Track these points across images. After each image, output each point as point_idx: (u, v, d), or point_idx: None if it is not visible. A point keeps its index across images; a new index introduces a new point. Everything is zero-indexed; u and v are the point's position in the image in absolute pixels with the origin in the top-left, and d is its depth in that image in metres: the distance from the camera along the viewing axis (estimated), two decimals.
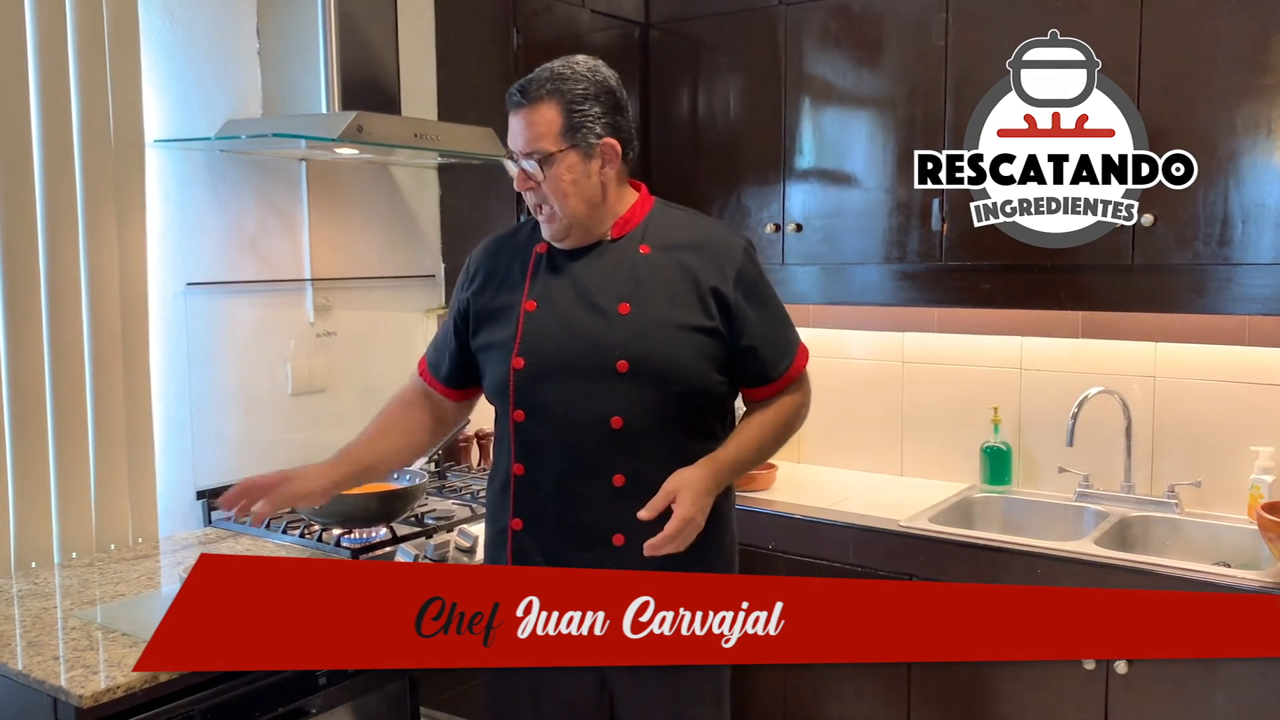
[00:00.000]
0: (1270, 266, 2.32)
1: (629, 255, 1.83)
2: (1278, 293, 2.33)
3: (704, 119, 3.11)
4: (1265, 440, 2.62)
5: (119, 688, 1.64)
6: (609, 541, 1.78)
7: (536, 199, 1.80)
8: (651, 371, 1.76)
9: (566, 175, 1.77)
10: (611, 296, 1.80)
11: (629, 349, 1.76)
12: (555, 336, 1.80)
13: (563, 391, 1.78)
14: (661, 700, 1.86)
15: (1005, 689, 2.43)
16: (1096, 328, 2.83)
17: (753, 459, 1.87)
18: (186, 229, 2.53)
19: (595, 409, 1.76)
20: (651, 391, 1.77)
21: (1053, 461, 2.90)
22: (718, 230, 1.92)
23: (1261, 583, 2.17)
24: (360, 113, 2.33)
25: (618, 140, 1.80)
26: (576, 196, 1.78)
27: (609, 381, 1.76)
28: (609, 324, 1.78)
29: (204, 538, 2.46)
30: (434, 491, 2.81)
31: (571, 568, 1.77)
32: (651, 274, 1.81)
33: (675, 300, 1.80)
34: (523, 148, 1.77)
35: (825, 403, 3.27)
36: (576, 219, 1.80)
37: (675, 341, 1.78)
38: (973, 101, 2.58)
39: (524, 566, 1.82)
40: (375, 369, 3.01)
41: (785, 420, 1.90)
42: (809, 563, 2.67)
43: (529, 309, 1.83)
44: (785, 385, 1.90)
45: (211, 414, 2.59)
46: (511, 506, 1.83)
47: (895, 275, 2.81)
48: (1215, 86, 2.35)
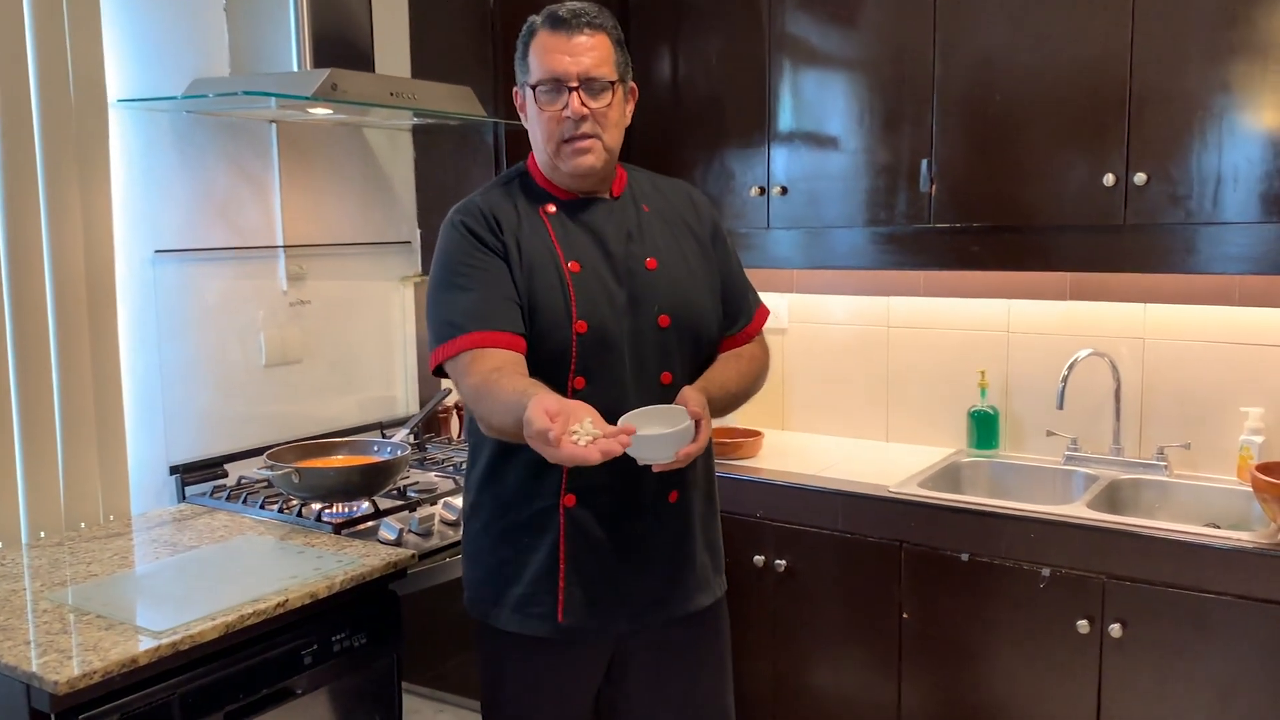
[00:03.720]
0: (1260, 225, 2.30)
1: (633, 213, 1.85)
2: (1267, 251, 2.31)
3: (685, 80, 3.03)
4: (1255, 401, 2.60)
5: (95, 673, 1.57)
6: (666, 500, 1.81)
7: (589, 127, 1.74)
8: (688, 324, 1.81)
9: (617, 109, 1.78)
10: (636, 254, 1.81)
11: (666, 303, 1.79)
12: (605, 298, 1.76)
13: (620, 353, 1.75)
14: (672, 670, 1.88)
15: (998, 658, 2.41)
16: (1085, 289, 2.80)
17: (727, 404, 1.86)
18: (153, 194, 2.43)
19: (648, 368, 1.78)
20: (689, 344, 1.82)
21: (1040, 425, 2.88)
22: (687, 187, 1.97)
23: (1256, 544, 2.16)
24: (334, 70, 2.25)
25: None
26: (618, 130, 1.80)
27: (654, 338, 1.78)
28: (643, 280, 1.79)
29: (179, 514, 2.38)
30: (415, 464, 2.74)
31: (630, 532, 1.78)
32: (660, 230, 1.85)
33: (685, 254, 1.86)
34: (589, 70, 1.72)
35: (811, 368, 3.26)
36: (612, 154, 1.80)
37: (702, 294, 1.86)
38: (964, 61, 2.54)
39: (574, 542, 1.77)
40: (351, 338, 2.93)
41: (755, 373, 1.93)
42: (798, 530, 2.63)
43: (574, 270, 1.76)
44: (750, 338, 1.95)
45: (183, 387, 2.51)
46: (564, 483, 1.76)
47: (882, 238, 2.76)
48: (1203, 44, 2.31)
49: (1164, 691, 2.24)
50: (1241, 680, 2.16)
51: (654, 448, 1.57)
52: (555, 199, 1.81)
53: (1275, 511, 2.21)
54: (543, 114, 1.75)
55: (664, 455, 1.59)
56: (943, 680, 2.50)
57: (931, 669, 2.51)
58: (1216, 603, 2.16)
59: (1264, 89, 2.26)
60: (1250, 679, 2.15)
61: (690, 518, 1.85)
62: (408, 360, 3.12)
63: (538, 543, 1.78)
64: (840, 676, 2.63)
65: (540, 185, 1.83)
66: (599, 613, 1.79)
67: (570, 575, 1.77)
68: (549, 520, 1.77)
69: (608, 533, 1.78)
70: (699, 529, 1.87)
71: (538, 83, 1.74)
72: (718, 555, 1.94)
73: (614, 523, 1.78)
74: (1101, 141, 2.43)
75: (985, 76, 2.56)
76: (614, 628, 1.82)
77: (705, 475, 1.90)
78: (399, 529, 2.18)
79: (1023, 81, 2.52)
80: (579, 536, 1.77)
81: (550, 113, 1.74)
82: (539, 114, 1.76)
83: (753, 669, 2.70)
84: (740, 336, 1.93)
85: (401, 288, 3.10)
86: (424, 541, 2.19)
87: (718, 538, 1.95)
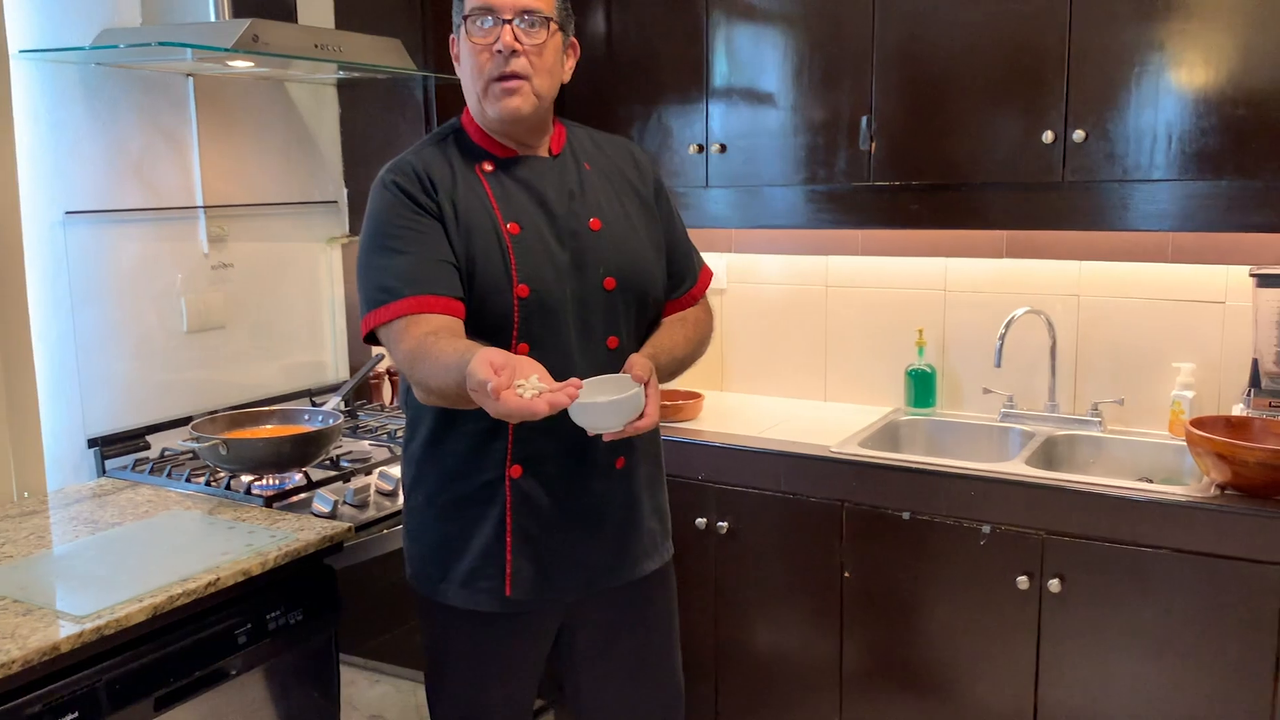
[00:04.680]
0: (1193, 182, 2.31)
1: (574, 171, 1.78)
2: (1200, 208, 2.32)
3: (620, 35, 2.95)
4: (1186, 356, 2.64)
5: (14, 662, 1.48)
6: (613, 466, 1.77)
7: (519, 64, 1.65)
8: (634, 286, 1.77)
9: (552, 52, 1.70)
10: (579, 214, 1.74)
11: (612, 265, 1.73)
12: (548, 260, 1.69)
13: (564, 318, 1.69)
14: (621, 634, 1.87)
15: (939, 615, 2.43)
16: (1020, 247, 2.81)
17: (673, 370, 1.81)
18: (62, 152, 2.30)
19: (594, 332, 1.72)
20: (635, 307, 1.77)
21: (977, 383, 2.89)
22: (629, 144, 1.91)
23: (1190, 498, 2.19)
24: (255, 20, 2.13)
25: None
26: (551, 78, 1.72)
27: (600, 301, 1.72)
28: (587, 241, 1.73)
29: (98, 489, 2.28)
30: (348, 432, 2.66)
31: (578, 500, 1.75)
32: (603, 189, 1.78)
33: (629, 214, 1.80)
34: (524, 4, 1.64)
35: (749, 329, 3.24)
36: (542, 101, 1.71)
37: (646, 254, 1.80)
38: (904, 16, 2.51)
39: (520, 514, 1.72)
40: (276, 302, 2.82)
41: (701, 336, 1.89)
42: (740, 492, 2.61)
43: (513, 231, 1.68)
44: (694, 300, 1.91)
45: (99, 356, 2.39)
46: (510, 453, 1.70)
47: (820, 196, 2.73)
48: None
49: (1102, 645, 2.27)
50: (1178, 632, 2.20)
51: (602, 415, 1.53)
52: (492, 156, 1.74)
53: (1208, 465, 2.24)
54: (473, 46, 1.66)
55: (612, 423, 1.55)
56: (884, 638, 2.51)
57: (873, 627, 2.52)
58: (1153, 556, 2.20)
59: (1195, 46, 2.26)
60: (1186, 631, 2.19)
61: (637, 484, 1.81)
62: (336, 325, 3.02)
63: (483, 516, 1.72)
64: (783, 636, 2.63)
65: (476, 141, 1.75)
66: (547, 584, 1.74)
67: (517, 547, 1.72)
68: (495, 492, 1.72)
69: (555, 502, 1.73)
70: (646, 495, 1.84)
71: (470, 11, 1.66)
72: (665, 520, 1.91)
73: (562, 491, 1.73)
74: (1040, 98, 2.42)
75: (926, 32, 2.53)
76: (563, 598, 1.78)
77: (652, 440, 1.86)
78: (333, 501, 2.11)
79: (963, 37, 2.49)
80: (526, 507, 1.72)
81: (480, 43, 1.65)
82: (469, 47, 1.67)
83: (696, 630, 2.69)
84: (685, 299, 1.89)
85: (328, 249, 2.99)
86: (360, 513, 2.12)
87: (665, 503, 1.92)
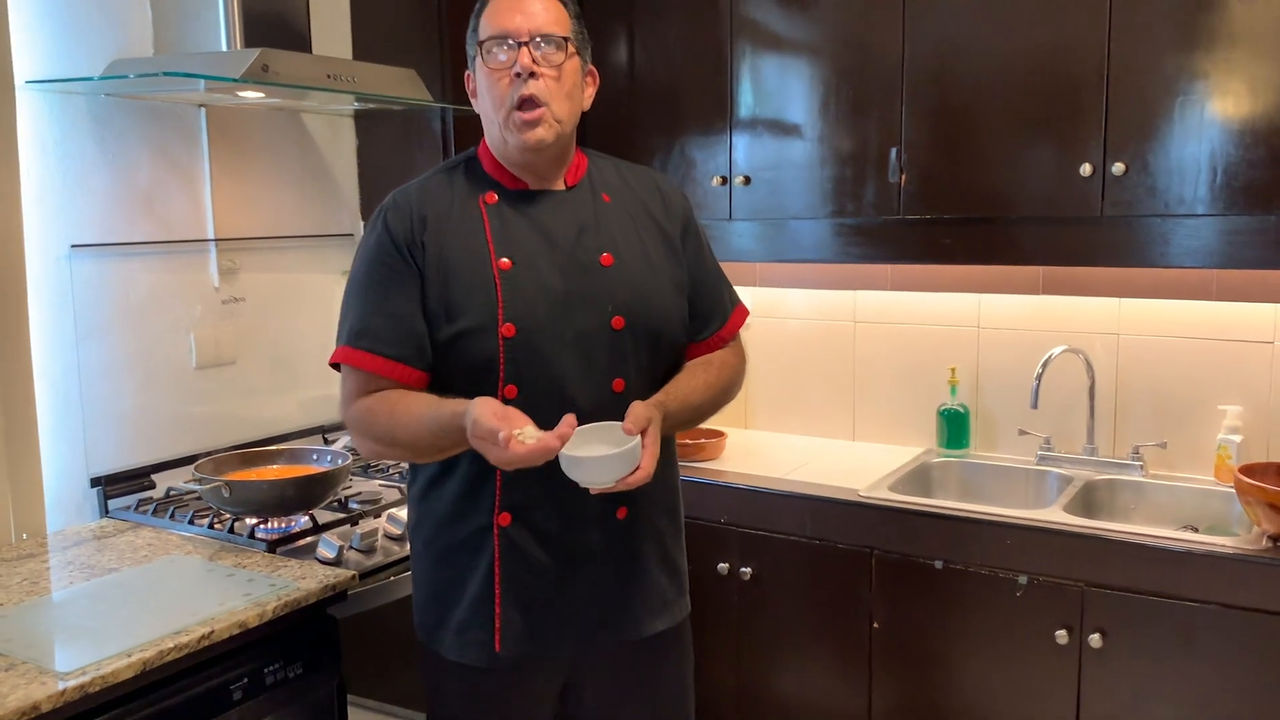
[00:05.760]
0: (1239, 218, 2.21)
1: (591, 204, 1.69)
2: (1246, 245, 2.22)
3: (642, 65, 2.88)
4: (1233, 399, 2.52)
5: None
6: (614, 516, 1.66)
7: (538, 88, 1.58)
8: (646, 326, 1.65)
9: (571, 76, 1.62)
10: (590, 248, 1.65)
11: (621, 302, 1.62)
12: (541, 296, 1.60)
13: (560, 359, 1.59)
14: (629, 695, 1.75)
15: (974, 669, 2.31)
16: (1058, 284, 2.71)
17: (689, 418, 1.71)
18: (69, 184, 2.25)
19: (596, 373, 1.61)
20: (646, 348, 1.66)
21: (1012, 423, 2.78)
22: (657, 177, 1.81)
23: (1240, 550, 2.07)
24: (265, 50, 2.08)
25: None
26: (571, 103, 1.64)
27: (606, 341, 1.61)
28: (595, 278, 1.63)
29: (99, 531, 2.21)
30: (358, 471, 2.58)
31: (574, 552, 1.64)
32: (620, 223, 1.69)
33: (647, 250, 1.69)
34: (541, 27, 1.58)
35: (775, 365, 3.14)
36: (564, 128, 1.63)
37: (663, 293, 1.69)
38: (934, 45, 2.43)
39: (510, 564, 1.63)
40: (288, 337, 2.76)
41: (726, 382, 1.77)
42: (764, 536, 2.51)
43: (504, 267, 1.60)
44: (723, 342, 1.79)
45: (105, 392, 2.33)
46: (497, 501, 1.61)
47: (848, 230, 2.64)
48: (1180, 27, 2.21)
49: (1145, 704, 2.15)
50: (1225, 693, 2.07)
51: (591, 469, 1.43)
52: (501, 187, 1.66)
53: (1259, 515, 2.12)
54: (490, 74, 1.59)
55: (603, 478, 1.44)
56: (916, 694, 2.39)
57: (904, 682, 2.40)
58: (1200, 611, 2.08)
59: (1239, 76, 2.17)
60: (1234, 691, 2.06)
61: (642, 535, 1.69)
62: None
63: (474, 565, 1.63)
64: (807, 689, 2.52)
65: (488, 171, 1.68)
66: (540, 640, 1.65)
67: (507, 601, 1.62)
68: (483, 541, 1.62)
69: (548, 553, 1.63)
70: (652, 548, 1.71)
71: (485, 39, 1.59)
72: (679, 576, 1.78)
73: (554, 542, 1.63)
74: (1078, 129, 2.33)
75: (957, 61, 2.45)
76: (558, 655, 1.68)
77: (663, 489, 1.72)
78: (339, 546, 2.02)
79: (996, 67, 2.40)
80: (516, 558, 1.62)
81: (498, 71, 1.59)
82: (487, 76, 1.60)
83: (716, 681, 2.58)
84: (713, 341, 1.77)
85: (342, 283, 2.92)
86: (366, 559, 2.04)
87: (679, 557, 1.79)
